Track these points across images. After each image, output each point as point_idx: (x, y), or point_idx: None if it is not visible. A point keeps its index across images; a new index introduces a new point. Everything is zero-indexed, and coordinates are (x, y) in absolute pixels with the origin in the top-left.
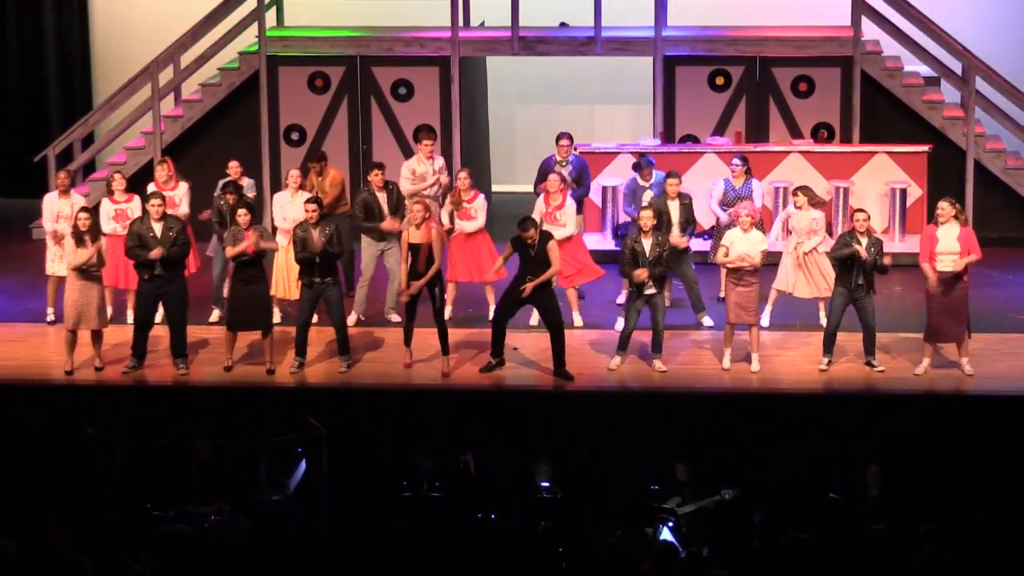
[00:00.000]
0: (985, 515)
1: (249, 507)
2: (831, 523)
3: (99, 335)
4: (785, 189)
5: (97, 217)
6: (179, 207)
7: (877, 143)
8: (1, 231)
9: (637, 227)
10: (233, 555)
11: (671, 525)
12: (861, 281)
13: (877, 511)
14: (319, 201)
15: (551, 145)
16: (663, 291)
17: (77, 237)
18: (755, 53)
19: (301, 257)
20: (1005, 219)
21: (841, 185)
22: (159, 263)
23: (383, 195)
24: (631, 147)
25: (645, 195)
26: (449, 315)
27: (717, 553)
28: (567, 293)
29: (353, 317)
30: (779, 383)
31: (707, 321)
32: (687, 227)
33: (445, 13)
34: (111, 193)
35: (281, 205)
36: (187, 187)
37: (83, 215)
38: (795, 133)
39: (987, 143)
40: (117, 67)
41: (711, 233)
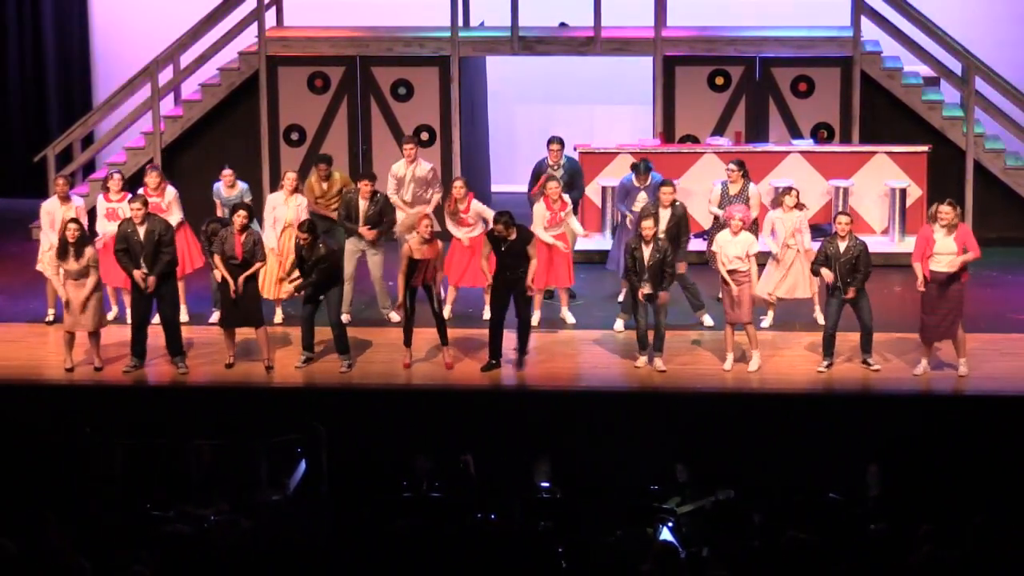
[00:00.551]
0: (985, 515)
1: (249, 507)
2: (831, 523)
3: (97, 335)
4: (779, 190)
5: (84, 229)
6: (167, 213)
7: (877, 143)
8: (1, 231)
9: (637, 233)
10: (233, 555)
11: (671, 525)
12: (839, 283)
13: (877, 511)
14: (312, 228)
15: (544, 150)
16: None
17: (62, 248)
18: (755, 53)
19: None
20: (1005, 219)
21: (841, 185)
22: (149, 268)
23: (365, 203)
24: (631, 147)
25: (639, 196)
26: (449, 315)
27: (717, 553)
28: (559, 294)
29: (345, 316)
30: (779, 383)
31: (707, 320)
32: (677, 240)
33: (445, 13)
34: (107, 191)
35: (273, 207)
36: (175, 193)
37: (72, 226)
38: (795, 133)
39: (987, 143)
40: (117, 67)
41: (707, 233)
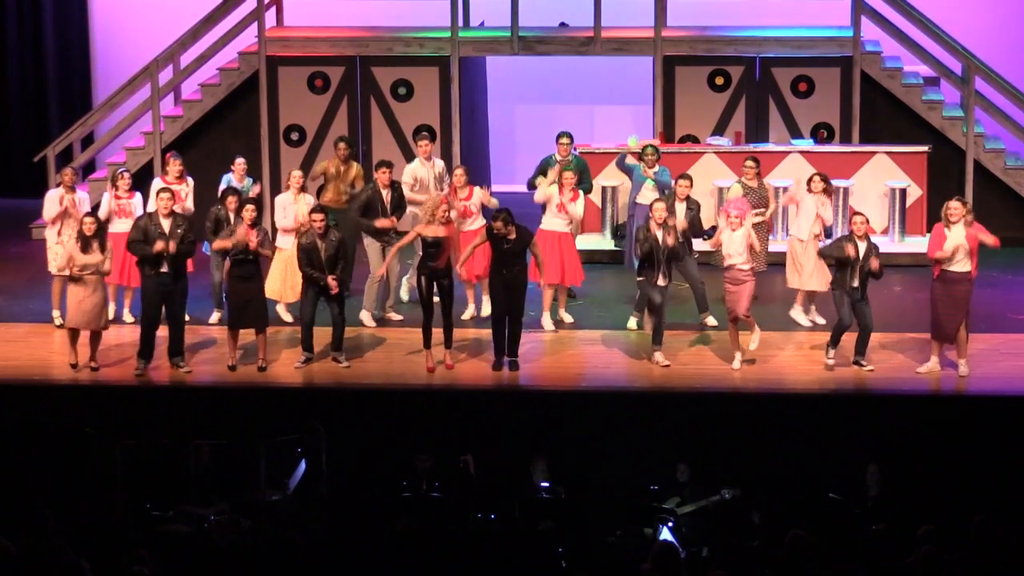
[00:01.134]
0: (985, 515)
1: (249, 507)
2: (831, 523)
3: (98, 336)
4: (784, 189)
5: (100, 221)
6: (185, 202)
7: (877, 143)
8: (1, 231)
9: (646, 218)
10: (233, 555)
11: (671, 525)
12: (856, 284)
13: (877, 511)
14: (326, 211)
15: (551, 145)
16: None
17: (83, 242)
18: (755, 53)
19: (308, 271)
20: (1005, 219)
21: (841, 185)
22: (165, 260)
23: (387, 192)
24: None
25: (645, 185)
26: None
27: (717, 553)
28: (543, 293)
29: (366, 315)
30: (779, 383)
31: (711, 321)
32: (692, 232)
33: (445, 13)
34: (115, 189)
35: (284, 207)
36: (192, 184)
37: (88, 220)
38: (795, 133)
39: (987, 143)
40: (117, 67)
41: (709, 233)
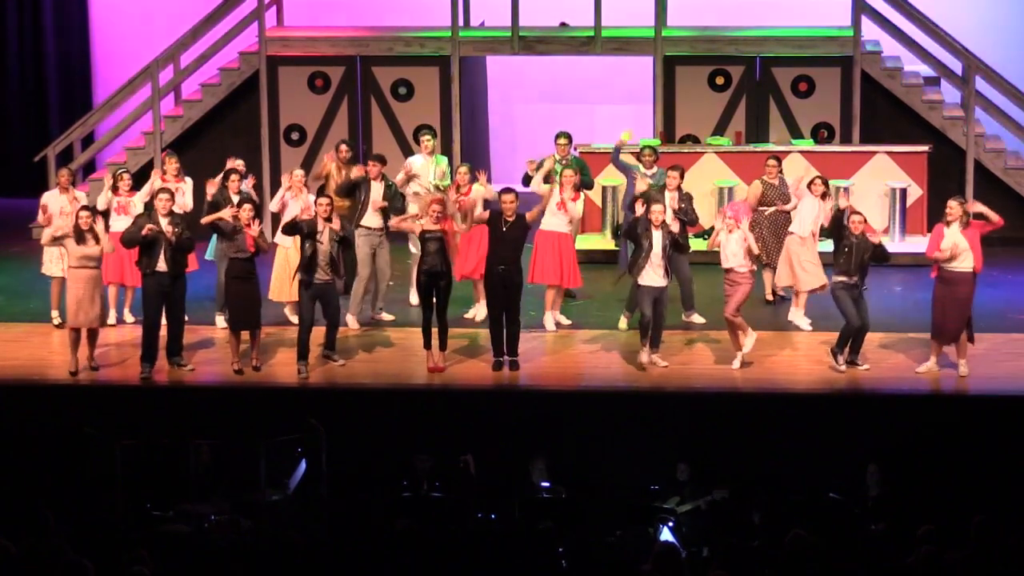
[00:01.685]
0: (985, 515)
1: (249, 507)
2: (831, 523)
3: (95, 334)
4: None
5: (95, 214)
6: (184, 200)
7: (877, 143)
8: (1, 231)
9: (646, 218)
10: (233, 555)
11: (671, 525)
12: (856, 279)
13: (877, 511)
14: (330, 196)
15: (551, 145)
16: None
17: (78, 235)
18: (755, 53)
19: (305, 256)
20: (1005, 219)
21: (841, 185)
22: (163, 257)
23: (379, 186)
24: (631, 147)
25: (640, 183)
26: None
27: (717, 553)
28: (546, 293)
29: (351, 319)
30: (779, 383)
31: (696, 319)
32: (683, 219)
33: (445, 13)
34: (115, 190)
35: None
36: (191, 183)
37: (84, 213)
38: (795, 133)
39: (987, 143)
40: (117, 67)
41: (708, 234)
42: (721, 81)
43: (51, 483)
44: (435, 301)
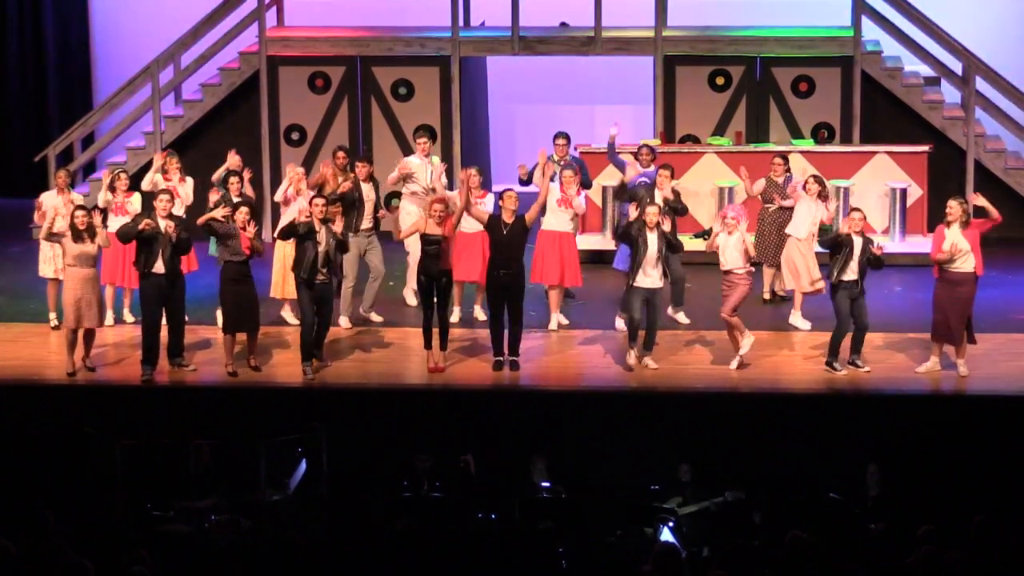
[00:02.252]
0: (985, 515)
1: (249, 507)
2: (831, 523)
3: (92, 335)
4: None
5: (91, 213)
6: (186, 200)
7: (877, 143)
8: (1, 231)
9: (640, 220)
10: (233, 555)
11: (671, 525)
12: (852, 276)
13: (877, 511)
14: (325, 198)
15: (551, 145)
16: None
17: (75, 234)
18: (755, 53)
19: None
20: (1005, 219)
21: (841, 185)
22: (164, 262)
23: (368, 187)
24: (631, 147)
25: (630, 170)
26: (458, 317)
27: (717, 553)
28: (549, 294)
29: (344, 320)
30: (779, 383)
31: (681, 318)
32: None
33: (445, 13)
34: (113, 190)
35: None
36: (192, 182)
37: (80, 213)
38: (795, 133)
39: (987, 143)
40: (117, 67)
41: (709, 233)
42: (721, 81)
43: (51, 483)
44: (435, 301)
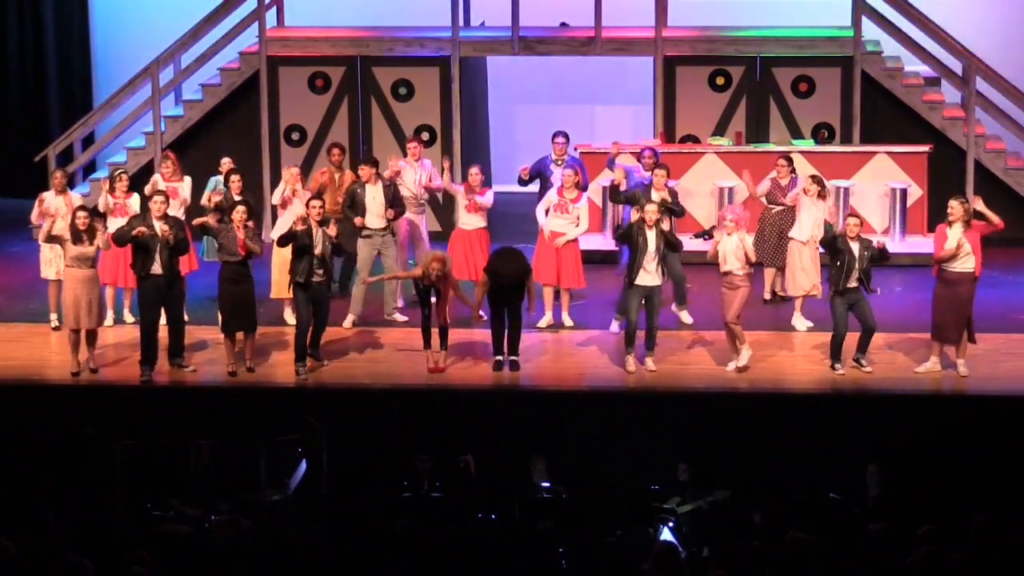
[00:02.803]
0: (985, 515)
1: (249, 507)
2: (831, 523)
3: (94, 335)
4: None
5: (91, 214)
6: (183, 198)
7: (877, 143)
8: (1, 231)
9: (640, 220)
10: (233, 555)
11: (671, 525)
12: (853, 284)
13: (877, 511)
14: (323, 199)
15: (550, 145)
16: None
17: (75, 235)
18: (755, 53)
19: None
20: (1005, 219)
21: (841, 185)
22: (161, 264)
23: (375, 189)
24: (631, 147)
25: (617, 172)
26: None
27: (717, 553)
28: (543, 291)
29: (349, 319)
30: (779, 383)
31: (684, 317)
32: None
33: (445, 13)
34: (113, 190)
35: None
36: (190, 181)
37: (81, 214)
38: (795, 133)
39: (987, 143)
40: (117, 67)
41: (709, 233)
42: (721, 81)
43: (51, 483)
44: (434, 301)
